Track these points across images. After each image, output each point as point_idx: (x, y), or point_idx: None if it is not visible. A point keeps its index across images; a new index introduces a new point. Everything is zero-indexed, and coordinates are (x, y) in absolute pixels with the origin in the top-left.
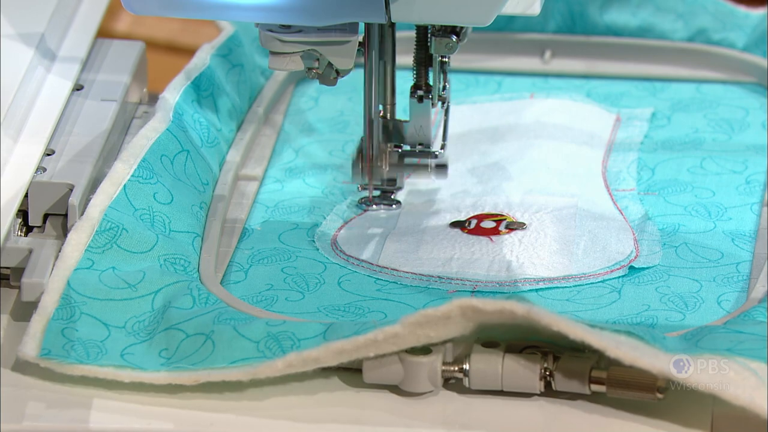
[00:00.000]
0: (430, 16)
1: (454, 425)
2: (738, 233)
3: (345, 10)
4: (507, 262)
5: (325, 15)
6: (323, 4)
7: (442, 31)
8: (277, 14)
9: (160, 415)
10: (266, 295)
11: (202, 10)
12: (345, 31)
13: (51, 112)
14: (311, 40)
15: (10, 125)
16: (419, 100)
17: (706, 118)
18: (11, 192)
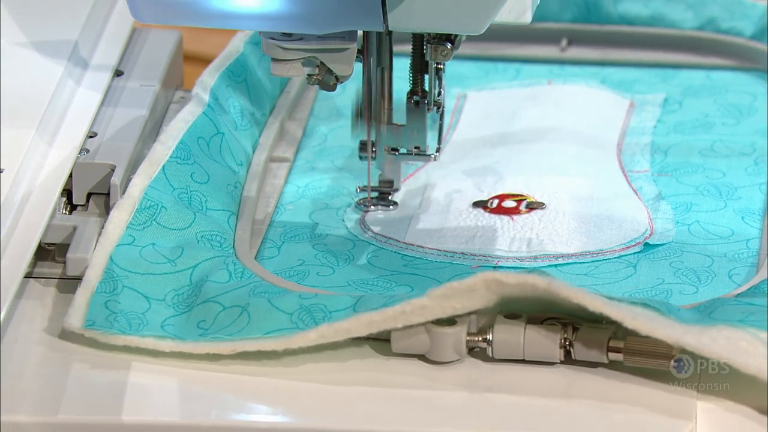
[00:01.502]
0: (426, 25)
1: (478, 388)
2: (747, 211)
3: (344, 19)
4: (527, 240)
5: (325, 23)
6: (323, 14)
7: (438, 38)
8: (279, 23)
9: (200, 378)
10: (298, 270)
11: (208, 18)
12: (344, 39)
13: (90, 101)
14: (312, 47)
15: (54, 111)
16: (416, 105)
17: (716, 104)
18: (57, 173)
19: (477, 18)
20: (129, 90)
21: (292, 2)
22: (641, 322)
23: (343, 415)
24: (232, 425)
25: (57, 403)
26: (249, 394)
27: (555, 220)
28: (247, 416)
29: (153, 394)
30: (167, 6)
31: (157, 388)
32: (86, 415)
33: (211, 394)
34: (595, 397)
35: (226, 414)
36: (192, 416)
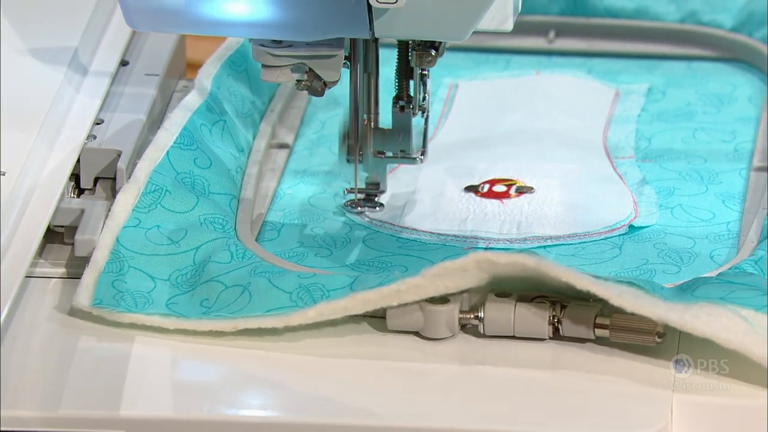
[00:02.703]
0: (411, 32)
1: (470, 362)
2: (728, 195)
3: (332, 27)
4: (517, 222)
5: (313, 31)
6: (311, 22)
7: (422, 45)
8: (269, 30)
9: (204, 351)
10: (297, 251)
11: (200, 26)
12: (332, 46)
13: (91, 101)
14: (300, 54)
15: (56, 112)
16: (401, 110)
17: (698, 93)
18: (65, 158)
19: (460, 26)
20: (134, 79)
21: (282, 10)
22: (626, 300)
23: (341, 386)
24: (235, 404)
25: (64, 377)
26: (251, 368)
27: (543, 204)
28: (250, 391)
29: (158, 368)
30: (161, 14)
31: (162, 363)
32: (92, 393)
33: (215, 370)
34: (582, 370)
35: (229, 389)
36: (194, 382)
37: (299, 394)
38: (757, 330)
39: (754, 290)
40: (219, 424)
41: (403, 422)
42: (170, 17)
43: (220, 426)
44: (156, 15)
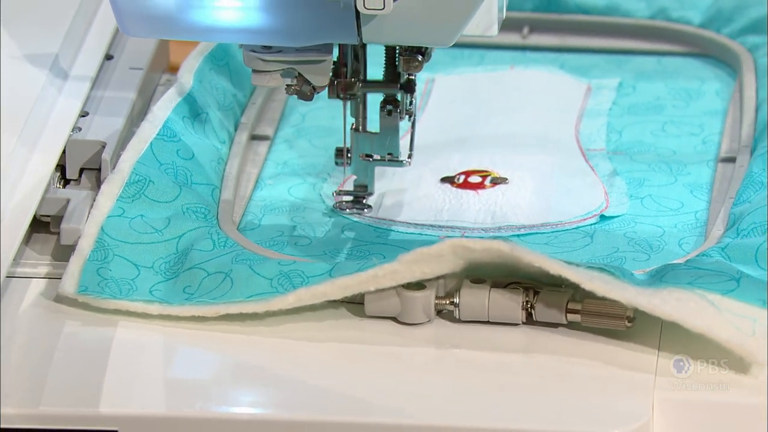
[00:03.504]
0: (398, 38)
1: (445, 345)
2: (696, 186)
3: (321, 33)
4: (491, 212)
5: (302, 37)
6: (301, 28)
7: (409, 51)
8: (259, 36)
9: (187, 336)
10: (278, 240)
11: (192, 33)
12: (320, 51)
13: (80, 86)
14: (290, 59)
15: (38, 113)
16: (388, 113)
17: (667, 87)
18: (51, 149)
19: (446, 31)
20: (118, 73)
21: (272, 17)
22: (597, 285)
23: (320, 368)
24: (216, 382)
25: (49, 360)
26: (232, 352)
27: (517, 194)
28: (231, 371)
29: (144, 354)
30: (154, 21)
31: (147, 347)
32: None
33: (197, 356)
34: (555, 353)
35: (211, 371)
36: (181, 373)
37: (279, 378)
38: (723, 314)
39: (721, 276)
40: (206, 421)
41: (380, 417)
42: (163, 24)
43: (207, 422)
44: (149, 22)
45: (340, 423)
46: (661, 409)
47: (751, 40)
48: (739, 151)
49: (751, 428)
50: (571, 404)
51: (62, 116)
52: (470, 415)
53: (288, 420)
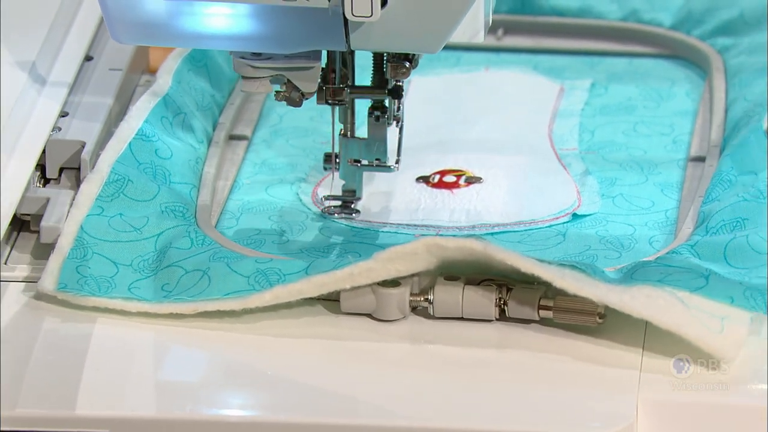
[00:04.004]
0: (385, 45)
1: (419, 341)
2: (666, 185)
3: (309, 40)
4: (466, 211)
5: (291, 44)
6: (290, 35)
7: (396, 57)
8: (249, 43)
9: (165, 332)
10: (255, 238)
11: (182, 40)
12: (309, 58)
13: (60, 87)
14: (279, 65)
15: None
16: (376, 119)
17: (638, 88)
18: (31, 149)
19: (433, 38)
20: (98, 74)
21: (261, 24)
22: (569, 282)
23: (298, 366)
24: (192, 376)
25: (29, 354)
26: (209, 349)
27: (491, 194)
28: (207, 368)
29: (123, 352)
30: (145, 28)
31: (126, 345)
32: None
33: (175, 351)
34: (527, 348)
35: (188, 368)
36: (158, 372)
37: (256, 376)
38: (691, 311)
39: (690, 273)
40: (187, 422)
41: (357, 418)
42: (154, 31)
43: (184, 423)
44: (140, 29)
45: (318, 425)
46: (645, 408)
47: (720, 41)
48: (709, 151)
49: (735, 427)
50: (552, 403)
51: (42, 117)
52: (452, 415)
53: (263, 422)
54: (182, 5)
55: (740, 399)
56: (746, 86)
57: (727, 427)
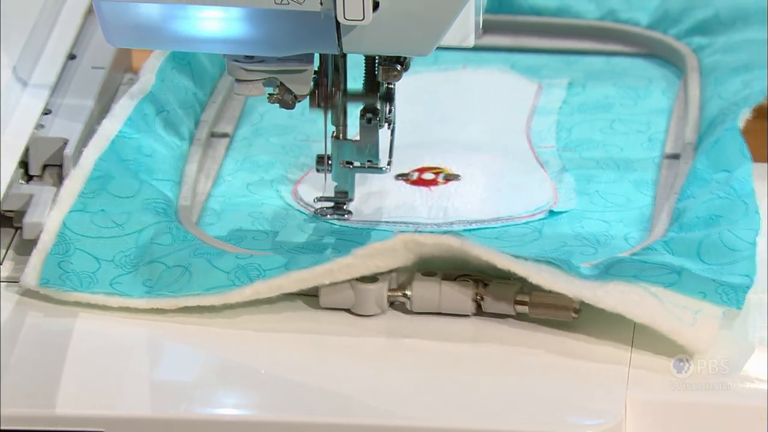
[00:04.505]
0: (377, 48)
1: (397, 335)
2: (642, 182)
3: (302, 43)
4: (444, 208)
5: (284, 47)
6: (282, 38)
7: (388, 61)
8: (242, 46)
9: (146, 326)
10: (236, 234)
11: (176, 43)
12: (302, 61)
13: (44, 85)
14: (272, 68)
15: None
16: (368, 122)
17: (615, 87)
18: (14, 146)
19: (424, 42)
20: (81, 72)
21: (254, 27)
22: (544, 278)
23: (277, 361)
24: (172, 370)
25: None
26: (190, 343)
27: (469, 191)
28: (186, 364)
29: (104, 347)
30: (139, 32)
31: (107, 341)
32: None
33: (155, 345)
34: (503, 342)
35: (167, 361)
36: (138, 367)
37: (236, 372)
38: (665, 305)
39: (663, 269)
40: (167, 421)
41: (331, 414)
42: (148, 34)
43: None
44: (134, 32)
45: (292, 423)
46: (633, 405)
47: (696, 41)
48: (684, 149)
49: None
50: (532, 398)
51: (25, 114)
52: (438, 414)
53: (240, 420)
54: (176, 9)
55: (719, 397)
56: (721, 85)
57: (710, 424)
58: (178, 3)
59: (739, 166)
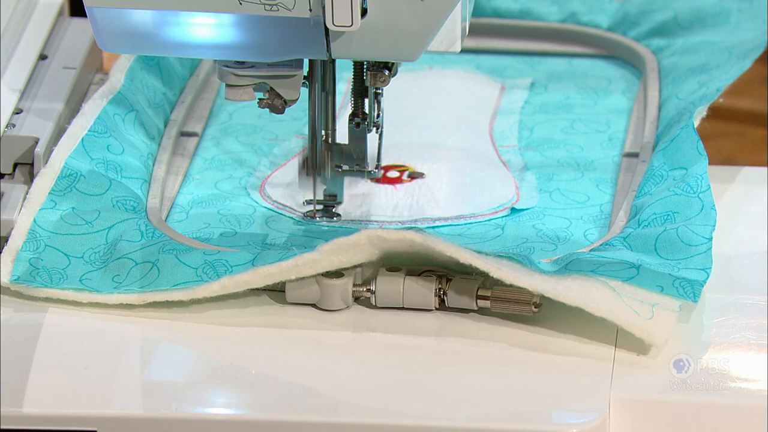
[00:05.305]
0: (366, 53)
1: (362, 329)
2: (601, 180)
3: (291, 48)
4: (408, 205)
5: (274, 52)
6: (273, 44)
7: (376, 66)
8: (233, 52)
9: (115, 321)
10: (204, 231)
11: (168, 48)
12: (291, 66)
13: (15, 85)
14: (262, 74)
15: None
16: (356, 126)
17: (576, 87)
18: None
19: (412, 47)
20: (52, 72)
21: (245, 33)
22: (505, 273)
23: (241, 350)
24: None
25: None
26: (158, 337)
27: (433, 188)
28: (155, 356)
29: (73, 342)
30: (131, 38)
31: (77, 335)
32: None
33: (123, 338)
34: (465, 336)
35: (134, 354)
36: (107, 357)
37: (201, 366)
38: (623, 299)
39: (622, 264)
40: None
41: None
42: (140, 40)
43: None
44: (127, 38)
45: (255, 421)
46: (616, 405)
47: (655, 42)
48: (642, 147)
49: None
50: (496, 392)
51: None
52: (413, 411)
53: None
54: (168, 15)
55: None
56: (678, 85)
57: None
58: (170, 9)
59: (695, 164)
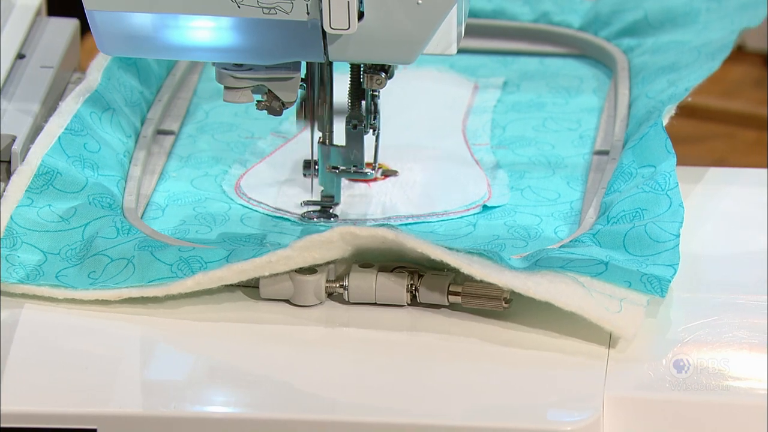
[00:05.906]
0: (362, 56)
1: (335, 325)
2: (572, 177)
3: (289, 51)
4: (382, 203)
5: (272, 55)
6: (271, 46)
7: (373, 68)
8: (232, 54)
9: (91, 317)
10: (179, 228)
11: (167, 51)
12: (289, 69)
13: None
14: (260, 76)
15: None
16: (353, 128)
17: (548, 86)
18: None
19: (408, 50)
20: (30, 70)
21: (243, 36)
22: (476, 269)
23: (214, 344)
24: (118, 359)
25: None
26: (133, 333)
27: (406, 186)
28: (131, 349)
29: (48, 337)
30: (130, 40)
31: (52, 330)
32: None
33: (98, 333)
34: (437, 331)
35: (112, 346)
36: (85, 354)
37: (176, 361)
38: (593, 294)
39: (591, 260)
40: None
41: (268, 411)
42: (139, 43)
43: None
44: (126, 41)
45: (225, 419)
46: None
47: (626, 42)
48: (612, 145)
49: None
50: (468, 387)
51: None
52: (389, 408)
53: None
54: (167, 18)
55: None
56: (648, 84)
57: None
58: (169, 12)
59: (663, 161)
